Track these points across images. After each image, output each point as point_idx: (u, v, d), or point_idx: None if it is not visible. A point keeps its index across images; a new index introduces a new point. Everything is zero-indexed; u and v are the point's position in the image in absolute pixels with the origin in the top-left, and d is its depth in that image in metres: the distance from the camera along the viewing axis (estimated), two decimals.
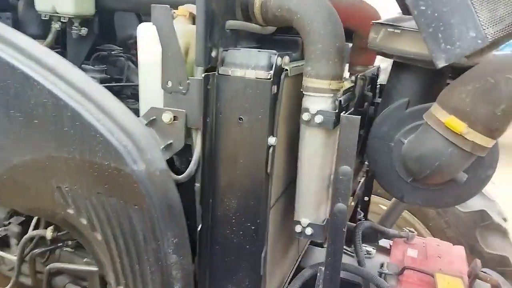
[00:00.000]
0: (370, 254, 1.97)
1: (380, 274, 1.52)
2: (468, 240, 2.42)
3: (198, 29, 0.98)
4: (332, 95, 1.04)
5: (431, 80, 1.09)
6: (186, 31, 1.07)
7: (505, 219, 2.52)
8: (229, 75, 1.03)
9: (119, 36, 1.96)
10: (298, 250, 1.60)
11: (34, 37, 1.18)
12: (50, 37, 1.40)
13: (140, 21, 2.07)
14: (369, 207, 1.93)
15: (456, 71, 1.12)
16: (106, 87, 1.19)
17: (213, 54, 1.04)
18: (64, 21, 1.32)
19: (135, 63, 1.70)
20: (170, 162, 1.11)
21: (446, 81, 1.14)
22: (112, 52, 1.61)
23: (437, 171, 0.97)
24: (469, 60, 0.70)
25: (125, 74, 1.59)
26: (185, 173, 1.10)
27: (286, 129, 1.18)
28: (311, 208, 1.18)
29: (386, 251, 1.97)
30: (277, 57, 1.01)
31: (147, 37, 1.08)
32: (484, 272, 1.38)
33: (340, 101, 1.04)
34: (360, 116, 0.99)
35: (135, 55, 1.58)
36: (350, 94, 1.14)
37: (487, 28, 0.66)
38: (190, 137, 1.09)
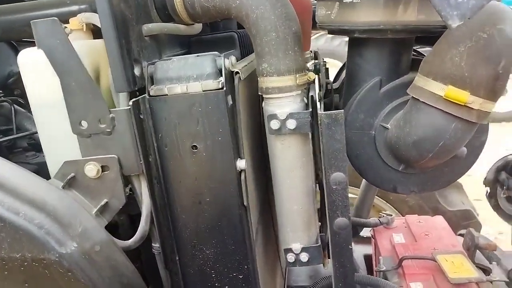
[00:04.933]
0: None
1: (378, 272, 1.38)
2: (430, 203, 2.43)
3: (108, 42, 0.70)
4: (299, 91, 0.84)
5: (400, 51, 0.94)
6: (89, 49, 0.77)
7: None
8: (166, 95, 0.77)
9: None
10: (281, 269, 1.39)
11: None
12: None
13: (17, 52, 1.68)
14: None
15: (421, 38, 0.99)
16: None
17: (137, 71, 0.77)
18: None
19: (25, 106, 1.32)
20: (111, 225, 0.82)
21: (412, 51, 1.00)
22: None
23: (441, 151, 0.82)
24: None
25: (14, 122, 1.22)
26: (136, 236, 0.82)
27: (246, 145, 0.95)
28: (301, 230, 0.97)
29: (366, 240, 1.86)
30: (224, 59, 0.77)
31: (33, 67, 0.76)
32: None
33: (312, 96, 0.84)
34: (343, 110, 0.79)
35: (22, 95, 1.22)
36: (314, 86, 0.95)
37: None
38: (132, 186, 0.81)
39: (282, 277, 1.39)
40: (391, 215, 1.66)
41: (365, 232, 1.88)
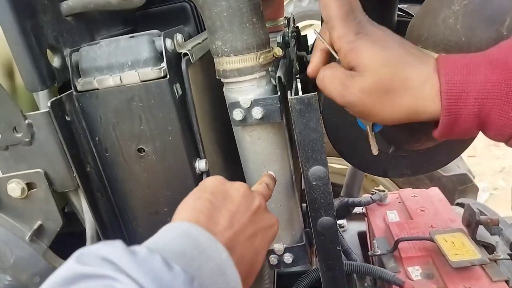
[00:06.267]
0: (343, 227, 1.74)
1: (373, 256, 1.28)
2: None
3: (7, 29, 0.54)
4: (264, 72, 0.69)
5: (381, 13, 0.79)
6: None
7: None
8: (97, 89, 0.62)
9: None
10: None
11: None
12: None
13: None
14: None
15: None
16: None
17: (56, 63, 0.61)
18: None
19: None
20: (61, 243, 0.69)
21: (396, 11, 0.85)
22: None
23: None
24: None
25: None
26: None
27: (207, 135, 0.81)
28: (282, 229, 0.85)
29: (359, 216, 1.76)
30: (165, 38, 0.62)
31: None
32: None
33: (280, 77, 0.69)
34: (316, 93, 0.65)
35: None
36: (284, 62, 0.80)
37: None
38: (71, 204, 0.67)
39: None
40: (384, 191, 1.56)
41: (358, 209, 1.78)
